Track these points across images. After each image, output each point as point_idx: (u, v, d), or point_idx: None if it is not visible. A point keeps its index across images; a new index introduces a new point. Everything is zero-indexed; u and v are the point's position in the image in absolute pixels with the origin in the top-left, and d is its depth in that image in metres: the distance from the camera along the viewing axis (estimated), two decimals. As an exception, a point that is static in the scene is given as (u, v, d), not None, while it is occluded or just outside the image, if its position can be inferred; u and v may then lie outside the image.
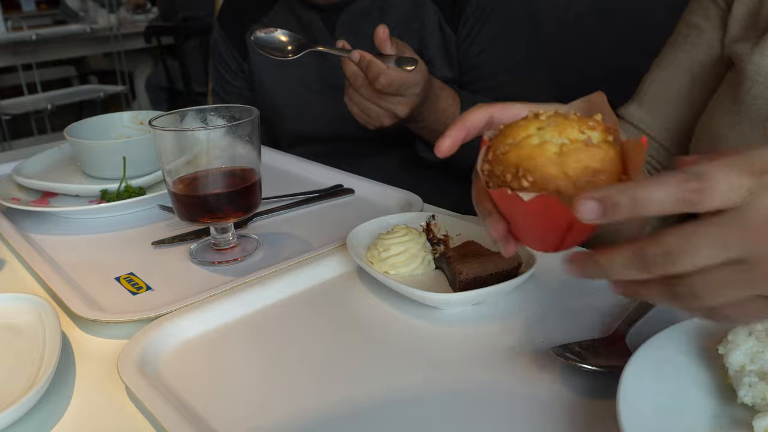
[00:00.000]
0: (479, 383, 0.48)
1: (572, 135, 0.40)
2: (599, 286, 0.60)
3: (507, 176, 0.40)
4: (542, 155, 0.39)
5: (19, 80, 3.81)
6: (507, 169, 0.40)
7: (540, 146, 0.39)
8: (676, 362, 0.44)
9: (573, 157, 0.39)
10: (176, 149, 0.65)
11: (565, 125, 0.40)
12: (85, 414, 0.47)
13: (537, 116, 0.42)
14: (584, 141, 0.39)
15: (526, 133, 0.41)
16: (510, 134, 0.41)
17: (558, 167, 0.39)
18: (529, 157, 0.39)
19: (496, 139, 0.43)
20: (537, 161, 0.39)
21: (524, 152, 0.40)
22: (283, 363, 0.52)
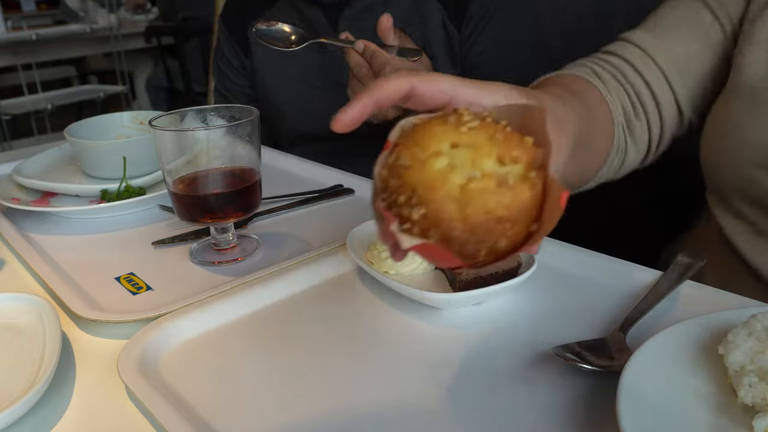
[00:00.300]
0: (479, 383, 0.48)
1: (487, 166, 0.34)
2: (599, 286, 0.60)
3: (400, 198, 0.34)
4: (443, 187, 0.33)
5: (19, 80, 3.82)
6: (402, 189, 0.34)
7: (444, 174, 0.33)
8: (676, 362, 0.44)
9: (478, 198, 0.33)
10: (176, 149, 0.65)
11: (483, 150, 0.34)
12: (85, 414, 0.47)
13: (460, 119, 0.36)
14: (498, 179, 0.33)
15: (437, 148, 0.34)
16: (420, 140, 0.35)
17: (457, 206, 0.33)
18: (429, 186, 0.33)
19: (403, 141, 0.36)
20: (436, 193, 0.33)
21: (425, 176, 0.34)
22: (283, 363, 0.52)
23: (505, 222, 0.34)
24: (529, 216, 0.35)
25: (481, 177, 0.33)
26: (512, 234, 0.34)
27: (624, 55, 0.73)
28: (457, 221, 0.33)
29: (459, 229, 0.33)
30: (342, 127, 0.40)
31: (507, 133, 0.35)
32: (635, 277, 0.60)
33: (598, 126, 0.66)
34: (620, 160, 0.73)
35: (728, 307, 0.50)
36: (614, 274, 0.61)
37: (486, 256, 0.35)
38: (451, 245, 0.34)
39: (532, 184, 0.34)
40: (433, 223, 0.33)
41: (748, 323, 0.42)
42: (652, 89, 0.72)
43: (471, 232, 0.33)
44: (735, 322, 0.44)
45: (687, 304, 0.55)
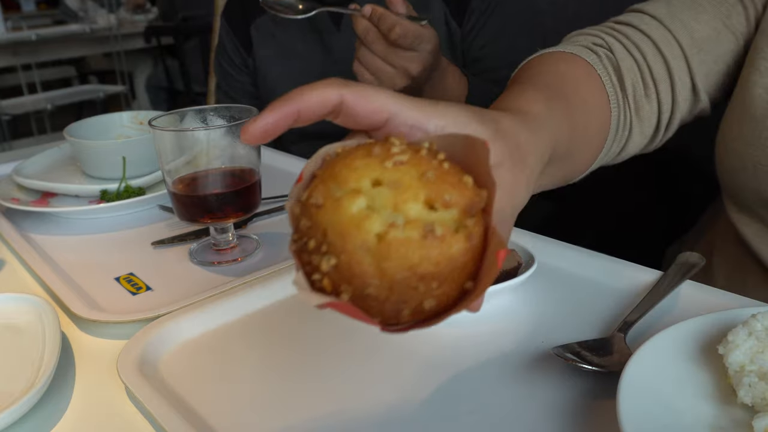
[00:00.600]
0: (479, 383, 0.48)
1: (412, 212, 0.28)
2: (599, 286, 0.60)
3: (310, 243, 0.30)
4: (358, 235, 0.28)
5: (19, 80, 3.82)
6: (313, 231, 0.29)
7: (361, 219, 0.28)
8: (676, 362, 0.44)
9: (399, 251, 0.28)
10: (176, 149, 0.65)
11: (410, 190, 0.29)
12: (84, 414, 0.47)
13: (388, 152, 0.30)
14: (424, 228, 0.28)
15: (357, 184, 0.29)
16: (336, 176, 0.30)
17: (374, 259, 0.28)
18: (341, 232, 0.28)
19: (321, 173, 0.31)
20: (348, 242, 0.28)
21: (339, 220, 0.28)
22: (282, 363, 0.52)
23: (430, 280, 0.28)
24: (462, 272, 0.29)
25: (404, 224, 0.28)
26: (440, 293, 0.29)
27: (641, 27, 0.67)
28: (372, 277, 0.28)
29: (375, 286, 0.28)
30: (251, 139, 0.34)
31: (443, 171, 0.30)
32: (635, 277, 0.60)
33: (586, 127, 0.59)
34: (620, 146, 0.67)
35: (728, 307, 0.50)
36: (614, 274, 0.61)
37: (410, 316, 0.30)
38: (367, 303, 0.29)
39: (467, 234, 0.29)
40: (345, 277, 0.28)
41: (748, 323, 0.42)
42: (670, 68, 0.66)
43: (390, 290, 0.28)
44: (735, 322, 0.44)
45: (687, 304, 0.55)
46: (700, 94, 0.67)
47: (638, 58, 0.66)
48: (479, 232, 0.30)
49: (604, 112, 0.63)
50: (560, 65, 0.63)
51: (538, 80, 0.58)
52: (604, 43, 0.67)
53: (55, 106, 3.65)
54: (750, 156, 0.64)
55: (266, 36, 1.17)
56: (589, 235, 0.96)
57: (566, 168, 0.58)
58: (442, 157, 0.31)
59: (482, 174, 0.31)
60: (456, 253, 0.29)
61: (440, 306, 0.30)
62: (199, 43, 3.32)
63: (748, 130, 0.64)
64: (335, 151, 0.32)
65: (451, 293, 0.30)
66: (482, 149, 0.31)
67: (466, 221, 0.29)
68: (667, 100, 0.67)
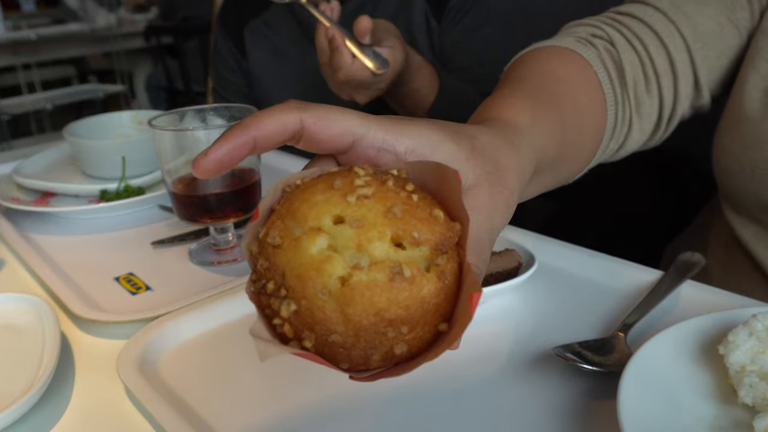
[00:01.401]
0: (479, 383, 0.48)
1: (378, 252, 0.26)
2: (600, 286, 0.60)
3: (269, 285, 0.28)
4: (318, 279, 0.26)
5: (19, 80, 3.82)
6: (271, 273, 0.27)
7: (321, 262, 0.26)
8: (676, 362, 0.44)
9: (363, 294, 0.26)
10: (176, 149, 0.65)
11: (375, 228, 0.27)
12: (84, 414, 0.47)
13: (351, 185, 0.28)
14: (391, 271, 0.26)
15: (317, 222, 0.27)
16: (295, 212, 0.28)
17: (337, 304, 0.26)
18: (300, 276, 0.26)
19: (280, 208, 0.29)
20: (309, 286, 0.26)
21: (298, 262, 0.26)
22: (282, 363, 0.52)
23: (400, 324, 0.26)
24: (435, 314, 0.27)
25: (369, 266, 0.26)
26: (412, 338, 0.27)
27: (644, 19, 0.65)
28: (336, 323, 0.26)
29: (340, 333, 0.26)
30: (204, 173, 0.31)
31: (411, 205, 0.28)
32: (636, 277, 0.60)
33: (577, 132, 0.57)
34: (619, 143, 0.65)
35: (729, 307, 0.50)
36: (615, 274, 0.61)
37: (381, 362, 0.28)
38: (333, 350, 0.27)
39: (439, 273, 0.27)
40: (307, 323, 0.26)
41: (749, 323, 0.42)
42: (673, 62, 0.64)
43: (356, 336, 0.26)
44: (735, 322, 0.44)
45: (687, 304, 0.55)
46: (702, 89, 0.66)
47: (640, 51, 0.64)
48: (453, 269, 0.28)
49: (600, 111, 0.61)
50: (552, 62, 0.61)
51: (526, 83, 0.56)
52: (604, 34, 0.65)
53: (54, 106, 3.65)
54: (748, 159, 0.63)
55: (259, 39, 1.18)
56: (589, 235, 0.96)
57: (557, 174, 0.56)
58: (410, 188, 0.29)
59: (455, 205, 0.29)
60: (427, 294, 0.27)
61: (412, 351, 0.28)
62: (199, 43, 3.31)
63: (746, 132, 0.63)
64: (295, 183, 0.30)
65: (424, 336, 0.28)
66: (454, 179, 0.29)
67: (438, 259, 0.27)
68: (669, 94, 0.65)
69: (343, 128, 0.32)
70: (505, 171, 0.36)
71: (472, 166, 0.34)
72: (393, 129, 0.33)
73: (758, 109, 0.62)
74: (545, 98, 0.52)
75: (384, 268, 0.26)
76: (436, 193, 0.30)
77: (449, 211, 0.29)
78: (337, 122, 0.32)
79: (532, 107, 0.48)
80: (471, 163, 0.34)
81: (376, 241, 0.26)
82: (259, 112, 0.31)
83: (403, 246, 0.27)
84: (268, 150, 0.32)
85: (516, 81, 0.56)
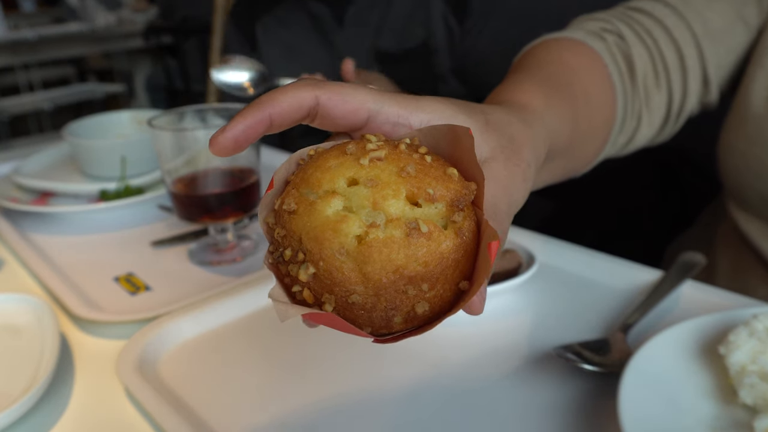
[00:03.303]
0: (479, 383, 0.48)
1: (394, 209, 0.26)
2: (600, 286, 0.60)
3: (286, 252, 0.27)
4: (336, 238, 0.26)
5: (19, 80, 3.81)
6: (288, 240, 0.27)
7: (338, 222, 0.26)
8: (676, 362, 0.44)
9: (381, 251, 0.25)
10: (175, 149, 0.65)
11: (389, 187, 0.27)
12: (84, 414, 0.47)
13: (364, 149, 0.28)
14: (407, 227, 0.26)
15: (331, 186, 0.27)
16: (308, 179, 0.28)
17: (355, 263, 0.26)
18: (318, 238, 0.26)
19: (293, 179, 0.29)
20: (326, 247, 0.26)
21: (314, 225, 0.26)
22: (281, 363, 0.52)
23: (419, 282, 0.26)
24: (455, 271, 0.27)
25: (385, 223, 0.26)
26: (433, 296, 0.27)
27: (655, 14, 0.65)
28: (355, 283, 0.26)
29: (360, 294, 0.26)
30: (221, 150, 0.30)
31: (424, 165, 0.28)
32: (636, 277, 0.60)
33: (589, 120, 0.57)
34: (628, 136, 0.65)
35: (729, 307, 0.50)
36: (615, 273, 0.61)
37: (403, 324, 0.28)
38: (354, 313, 0.27)
39: (456, 229, 0.27)
40: (326, 285, 0.26)
41: (750, 324, 0.42)
42: (683, 56, 0.64)
43: (376, 296, 0.26)
44: (736, 322, 0.44)
45: (688, 304, 0.55)
46: (711, 85, 0.66)
47: (650, 45, 0.64)
48: (470, 227, 0.28)
49: (610, 104, 0.61)
50: (563, 53, 0.61)
51: (538, 71, 0.56)
52: (615, 29, 0.64)
53: (54, 106, 3.65)
54: (754, 155, 0.63)
55: (271, 35, 1.18)
56: (589, 234, 0.96)
57: (568, 162, 0.56)
58: (423, 151, 0.29)
59: (469, 165, 0.28)
60: (446, 250, 0.26)
61: (434, 310, 0.28)
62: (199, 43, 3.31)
63: (752, 128, 0.64)
64: (308, 154, 0.30)
65: (445, 295, 0.27)
66: (466, 138, 0.28)
67: (454, 216, 0.27)
68: (678, 89, 0.65)
69: (357, 103, 0.32)
70: (521, 145, 0.36)
71: (486, 139, 0.34)
72: (407, 104, 0.33)
73: (764, 106, 0.62)
74: (557, 86, 0.52)
75: (400, 224, 0.26)
76: (449, 156, 0.30)
77: (463, 172, 0.29)
78: (352, 98, 0.32)
79: (545, 93, 0.48)
80: (485, 136, 0.34)
81: (391, 199, 0.26)
82: (273, 89, 0.32)
83: (418, 204, 0.27)
84: (284, 128, 0.32)
85: (528, 69, 0.56)
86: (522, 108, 0.43)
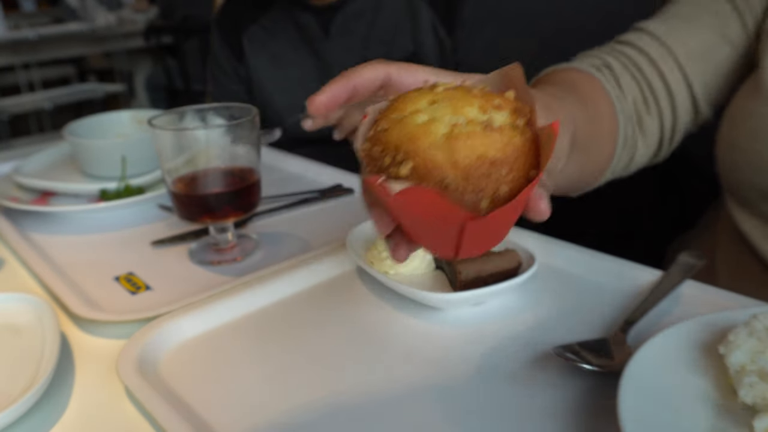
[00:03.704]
0: (479, 383, 0.48)
1: (470, 114, 0.33)
2: (600, 286, 0.60)
3: (385, 160, 0.33)
4: (427, 137, 0.32)
5: (19, 80, 3.81)
6: (386, 151, 0.33)
7: (426, 125, 0.33)
8: (677, 362, 0.44)
9: (465, 142, 0.32)
10: (175, 149, 0.65)
11: (463, 101, 0.33)
12: (84, 414, 0.47)
13: (433, 87, 0.35)
14: (483, 123, 0.32)
15: (415, 107, 0.34)
16: (397, 107, 0.35)
17: (445, 154, 0.32)
18: (411, 138, 0.32)
19: (382, 113, 0.36)
20: (419, 144, 0.32)
21: (406, 131, 0.33)
22: (282, 363, 0.52)
23: (500, 165, 0.32)
24: (526, 160, 0.33)
25: (465, 123, 0.32)
26: (511, 179, 0.32)
27: (639, 45, 0.71)
28: (447, 169, 0.32)
29: (452, 178, 0.32)
30: (317, 108, 0.39)
31: (484, 91, 0.35)
32: (636, 277, 0.60)
33: (599, 125, 0.64)
34: (629, 156, 0.70)
35: (729, 307, 0.50)
36: (615, 273, 0.61)
37: (489, 207, 0.33)
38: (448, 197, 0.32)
39: (521, 129, 0.33)
40: (423, 175, 0.32)
41: (749, 323, 0.42)
42: (668, 82, 0.69)
43: (466, 179, 0.32)
44: (736, 322, 0.44)
45: (687, 304, 0.55)
46: (699, 104, 0.70)
47: (636, 75, 0.70)
48: (531, 131, 0.34)
49: (613, 119, 0.66)
50: (564, 74, 0.68)
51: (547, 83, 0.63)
52: (605, 62, 0.71)
53: (54, 106, 3.65)
54: (754, 151, 0.64)
55: (258, 45, 1.17)
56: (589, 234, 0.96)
57: (584, 162, 0.61)
58: (482, 87, 0.36)
59: (522, 93, 0.35)
60: (516, 142, 0.32)
61: (513, 193, 0.33)
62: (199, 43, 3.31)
63: (753, 125, 0.64)
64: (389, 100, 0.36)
65: (519, 180, 0.33)
66: (516, 71, 0.36)
67: (518, 121, 0.33)
68: (668, 114, 0.70)
69: (419, 76, 0.40)
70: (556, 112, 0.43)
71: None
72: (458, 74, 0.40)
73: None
74: (571, 95, 0.59)
75: (478, 123, 0.32)
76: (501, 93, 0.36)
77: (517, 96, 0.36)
78: (415, 71, 0.40)
79: (561, 97, 0.54)
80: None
81: (467, 108, 0.33)
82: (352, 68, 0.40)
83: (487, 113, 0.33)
84: (363, 98, 0.40)
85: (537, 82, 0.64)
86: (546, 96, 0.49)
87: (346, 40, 0.97)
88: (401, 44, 1.06)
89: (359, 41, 1.09)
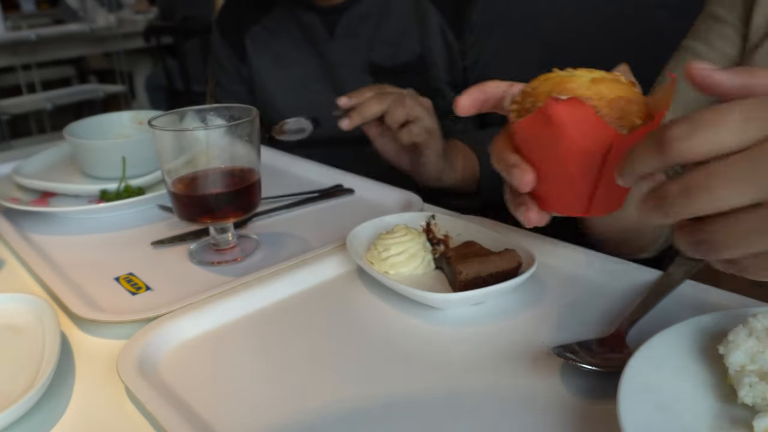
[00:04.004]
0: (479, 383, 0.48)
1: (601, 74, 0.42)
2: (599, 285, 0.60)
3: (538, 104, 0.41)
4: (575, 82, 0.41)
5: (19, 80, 3.81)
6: (538, 99, 0.42)
7: (572, 76, 0.41)
8: (676, 362, 0.44)
9: (606, 85, 0.40)
10: (176, 149, 0.65)
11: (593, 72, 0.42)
12: (84, 414, 0.47)
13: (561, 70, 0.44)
14: (614, 77, 0.42)
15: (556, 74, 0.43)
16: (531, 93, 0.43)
17: (592, 91, 0.40)
18: (562, 84, 0.41)
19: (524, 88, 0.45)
20: (569, 86, 0.40)
21: (556, 81, 0.41)
22: (282, 363, 0.52)
23: (633, 104, 0.40)
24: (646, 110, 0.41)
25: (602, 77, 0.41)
26: (641, 117, 0.41)
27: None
28: (596, 101, 0.40)
29: (599, 108, 0.40)
30: (462, 109, 0.47)
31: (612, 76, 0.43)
32: (635, 277, 0.60)
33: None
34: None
35: (728, 307, 0.50)
36: (614, 273, 0.61)
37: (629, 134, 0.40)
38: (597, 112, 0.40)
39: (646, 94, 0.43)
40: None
41: (749, 323, 0.42)
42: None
43: (609, 107, 0.40)
44: (735, 321, 0.44)
45: (687, 304, 0.55)
46: None
47: None
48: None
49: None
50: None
51: None
52: None
53: (54, 106, 3.65)
54: None
55: (260, 45, 1.17)
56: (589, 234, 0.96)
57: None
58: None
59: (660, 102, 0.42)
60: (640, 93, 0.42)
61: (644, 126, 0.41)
62: (199, 43, 3.31)
63: None
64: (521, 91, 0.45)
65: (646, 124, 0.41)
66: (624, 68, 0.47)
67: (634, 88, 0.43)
68: None
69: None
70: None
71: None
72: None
73: None
74: None
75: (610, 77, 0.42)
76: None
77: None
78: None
79: None
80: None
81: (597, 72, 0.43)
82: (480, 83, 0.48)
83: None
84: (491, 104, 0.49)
85: None
86: None
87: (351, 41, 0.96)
88: (408, 47, 1.05)
89: (364, 43, 1.08)
